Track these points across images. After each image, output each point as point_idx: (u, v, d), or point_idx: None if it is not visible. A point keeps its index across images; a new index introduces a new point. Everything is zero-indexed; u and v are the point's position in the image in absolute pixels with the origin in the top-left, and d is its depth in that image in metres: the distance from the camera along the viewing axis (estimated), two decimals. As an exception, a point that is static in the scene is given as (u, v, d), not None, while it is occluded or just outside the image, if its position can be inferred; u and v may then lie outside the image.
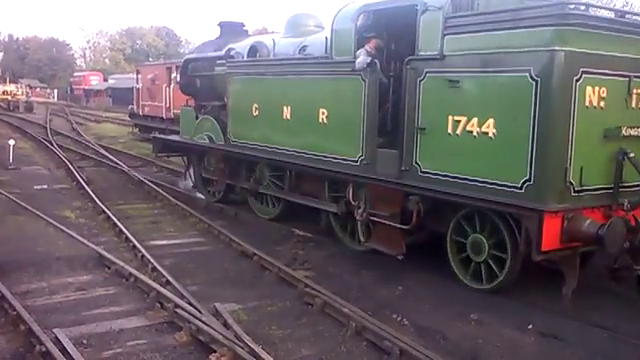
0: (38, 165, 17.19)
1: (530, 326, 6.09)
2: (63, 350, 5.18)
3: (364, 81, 8.07)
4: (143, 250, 8.23)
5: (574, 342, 5.82)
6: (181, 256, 8.45)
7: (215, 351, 5.27)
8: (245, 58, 10.94)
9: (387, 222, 7.86)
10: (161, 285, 6.84)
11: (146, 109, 26.08)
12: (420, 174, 7.35)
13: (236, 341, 5.31)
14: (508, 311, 6.48)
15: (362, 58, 8.00)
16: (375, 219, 8.08)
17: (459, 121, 6.89)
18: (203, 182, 12.71)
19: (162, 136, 13.92)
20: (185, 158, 13.44)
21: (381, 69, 8.02)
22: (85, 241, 8.71)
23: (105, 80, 58.85)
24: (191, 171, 13.23)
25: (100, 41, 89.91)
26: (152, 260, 7.77)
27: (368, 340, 5.70)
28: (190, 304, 6.20)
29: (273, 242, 9.11)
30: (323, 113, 8.81)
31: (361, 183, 8.32)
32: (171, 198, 12.02)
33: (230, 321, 5.80)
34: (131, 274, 7.19)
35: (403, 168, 7.52)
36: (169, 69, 24.00)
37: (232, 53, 11.23)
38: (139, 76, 27.01)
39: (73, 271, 7.58)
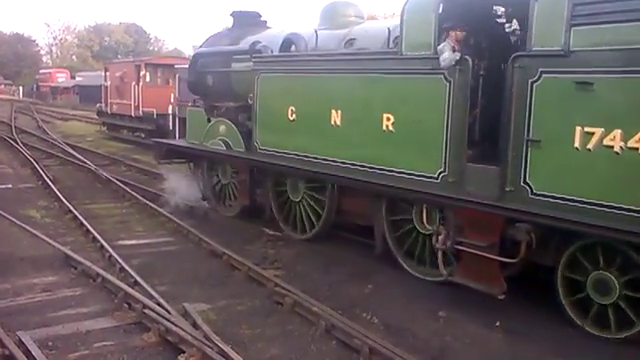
0: (2, 164, 16.48)
1: (498, 323, 6.08)
2: (27, 353, 5.10)
3: (448, 81, 6.65)
4: (111, 250, 8.10)
5: (541, 338, 5.83)
6: (150, 256, 8.32)
7: (184, 352, 5.24)
8: (276, 52, 9.40)
9: (481, 253, 6.44)
10: (129, 285, 6.74)
11: (114, 107, 25.23)
12: (531, 197, 5.97)
13: (205, 341, 5.29)
14: (476, 308, 6.41)
15: (448, 54, 6.58)
16: (463, 249, 6.65)
17: (592, 133, 5.52)
18: (216, 193, 11.15)
19: (166, 141, 12.24)
20: (192, 166, 11.85)
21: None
22: (51, 241, 8.50)
23: (72, 77, 56.29)
24: (199, 180, 11.66)
25: (67, 37, 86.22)
26: (120, 260, 7.66)
27: (338, 339, 5.70)
28: (159, 304, 6.13)
29: (243, 241, 9.04)
30: (388, 119, 7.35)
31: (441, 204, 6.90)
32: (140, 197, 11.73)
33: (199, 321, 5.77)
34: (98, 274, 7.07)
35: (508, 189, 6.14)
36: (138, 67, 23.58)
37: (259, 47, 9.67)
38: (107, 74, 26.15)
39: (38, 272, 7.40)
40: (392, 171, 7.37)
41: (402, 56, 7.17)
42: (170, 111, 18.44)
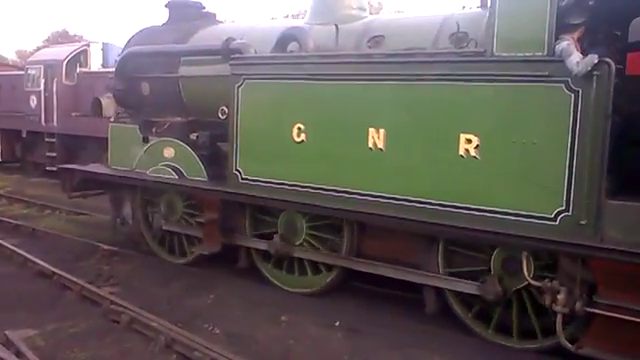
0: None
1: (337, 323, 6.19)
2: None
3: (574, 92, 5.03)
4: None
5: (379, 333, 5.99)
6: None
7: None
8: (267, 53, 7.22)
9: (628, 317, 4.87)
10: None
11: None
12: None
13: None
14: (317, 311, 6.53)
15: (577, 56, 4.96)
16: (600, 312, 5.04)
17: None
18: (155, 235, 8.62)
19: (79, 167, 9.31)
20: (114, 200, 9.15)
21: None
22: None
23: None
24: (126, 216, 9.03)
25: None
26: None
27: (178, 352, 5.57)
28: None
29: (76, 258, 8.55)
30: (468, 141, 5.57)
31: (569, 254, 5.24)
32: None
33: (23, 349, 5.43)
34: None
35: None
36: None
37: (235, 44, 7.40)
38: None
39: None
40: (473, 209, 5.59)
41: (493, 58, 5.43)
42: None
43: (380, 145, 6.11)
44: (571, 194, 5.10)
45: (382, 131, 6.09)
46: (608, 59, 4.90)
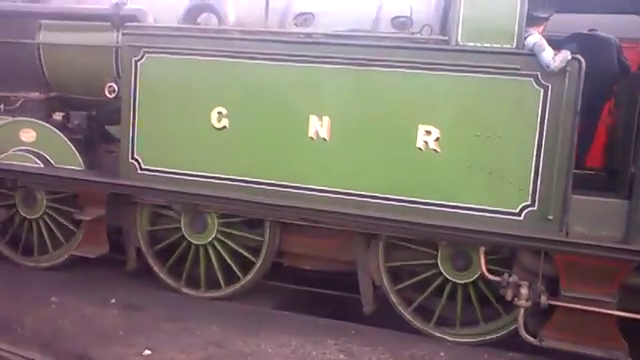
0: None
1: (113, 300, 6.16)
2: None
3: (543, 87, 5.01)
4: None
5: (155, 307, 6.03)
6: None
7: None
8: (173, 24, 6.18)
9: (591, 308, 5.05)
10: None
11: None
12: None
13: None
14: (90, 290, 6.38)
15: (549, 51, 4.94)
16: (563, 304, 5.13)
17: None
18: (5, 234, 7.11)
19: None
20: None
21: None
22: None
23: None
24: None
25: None
26: None
27: None
28: None
29: None
30: (428, 133, 5.31)
31: (520, 249, 5.25)
32: None
33: None
34: None
35: (647, 228, 4.88)
36: None
37: (128, 10, 6.23)
38: None
39: None
40: (430, 204, 5.37)
41: (457, 47, 5.20)
42: None
43: (323, 135, 5.58)
44: (537, 189, 5.09)
45: (326, 119, 5.56)
46: (579, 55, 4.94)
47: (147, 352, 5.17)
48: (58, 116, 6.91)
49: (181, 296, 6.37)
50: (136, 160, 6.15)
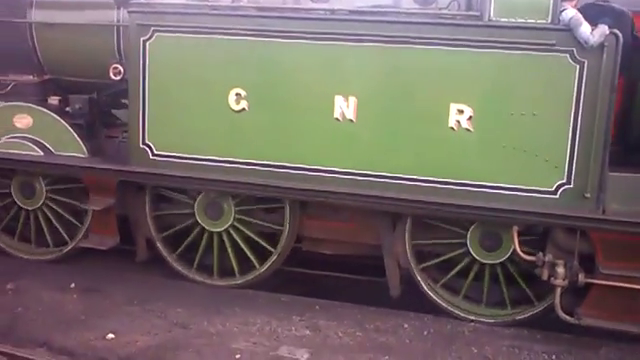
0: None
1: (73, 285, 6.04)
2: None
3: (579, 63, 4.92)
4: None
5: (115, 291, 5.95)
6: None
7: None
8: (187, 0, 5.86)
9: (629, 285, 5.05)
10: None
11: None
12: None
13: None
14: (49, 276, 6.27)
15: (587, 26, 4.84)
16: (601, 282, 5.12)
17: None
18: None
19: None
20: None
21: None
22: None
23: None
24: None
25: None
26: None
27: None
28: None
29: None
30: (460, 112, 5.17)
31: (556, 227, 5.21)
32: None
33: None
34: None
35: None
36: None
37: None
38: None
39: None
40: (463, 184, 5.26)
41: (490, 23, 5.06)
42: None
43: (350, 116, 5.39)
44: (573, 167, 5.03)
45: (353, 100, 5.37)
46: (616, 30, 4.86)
47: (110, 336, 5.11)
48: (54, 100, 6.53)
49: (142, 278, 6.27)
50: (147, 146, 5.86)
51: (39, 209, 6.54)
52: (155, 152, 5.85)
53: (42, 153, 6.27)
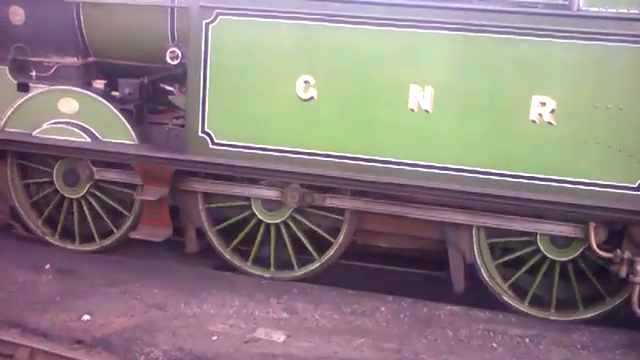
0: None
1: (48, 266, 5.99)
2: None
3: (677, 54, 4.79)
4: None
5: (89, 271, 5.92)
6: None
7: None
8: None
9: None
10: None
11: None
12: None
13: None
14: (22, 256, 6.17)
15: (681, 17, 4.71)
16: (680, 281, 5.02)
17: None
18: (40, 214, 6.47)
19: None
20: None
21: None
22: None
23: None
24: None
25: None
26: None
27: None
28: None
29: None
30: (543, 105, 5.02)
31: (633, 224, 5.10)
32: None
33: None
34: None
35: None
36: None
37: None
38: None
39: None
40: (542, 179, 5.11)
41: (579, 13, 4.89)
42: None
43: (426, 106, 5.20)
44: (663, 164, 4.91)
45: (429, 90, 5.18)
46: None
47: (86, 317, 5.06)
48: (99, 84, 6.23)
49: (118, 259, 6.22)
50: (207, 134, 5.61)
51: (82, 198, 6.27)
52: (215, 141, 5.61)
53: (89, 139, 5.99)
